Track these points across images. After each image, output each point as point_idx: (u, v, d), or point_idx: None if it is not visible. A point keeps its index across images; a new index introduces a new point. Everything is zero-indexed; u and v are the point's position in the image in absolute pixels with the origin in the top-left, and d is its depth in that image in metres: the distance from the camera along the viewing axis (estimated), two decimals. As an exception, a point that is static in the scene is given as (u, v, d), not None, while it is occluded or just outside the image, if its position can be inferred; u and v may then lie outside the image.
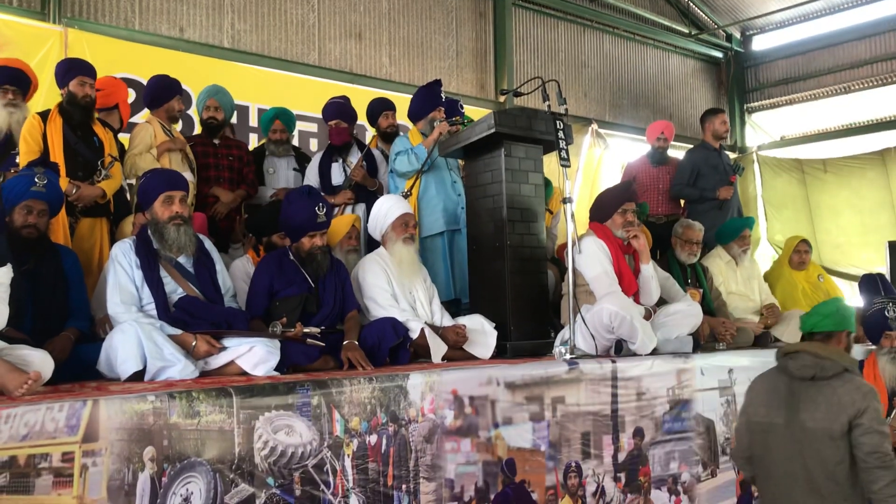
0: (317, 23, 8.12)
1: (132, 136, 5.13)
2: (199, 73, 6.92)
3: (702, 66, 12.66)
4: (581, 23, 10.84)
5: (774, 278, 6.49)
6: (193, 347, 3.49)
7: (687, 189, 6.84)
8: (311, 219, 4.15)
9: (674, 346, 4.67)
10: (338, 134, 5.66)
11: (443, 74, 9.02)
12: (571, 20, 10.71)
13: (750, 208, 11.58)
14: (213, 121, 5.56)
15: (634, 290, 4.71)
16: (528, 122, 4.84)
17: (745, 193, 11.74)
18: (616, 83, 11.27)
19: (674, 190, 6.90)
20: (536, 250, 4.86)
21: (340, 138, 5.66)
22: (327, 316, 4.12)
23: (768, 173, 11.88)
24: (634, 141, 10.81)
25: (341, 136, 5.66)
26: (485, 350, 4.43)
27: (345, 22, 8.34)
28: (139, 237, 3.81)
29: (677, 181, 6.88)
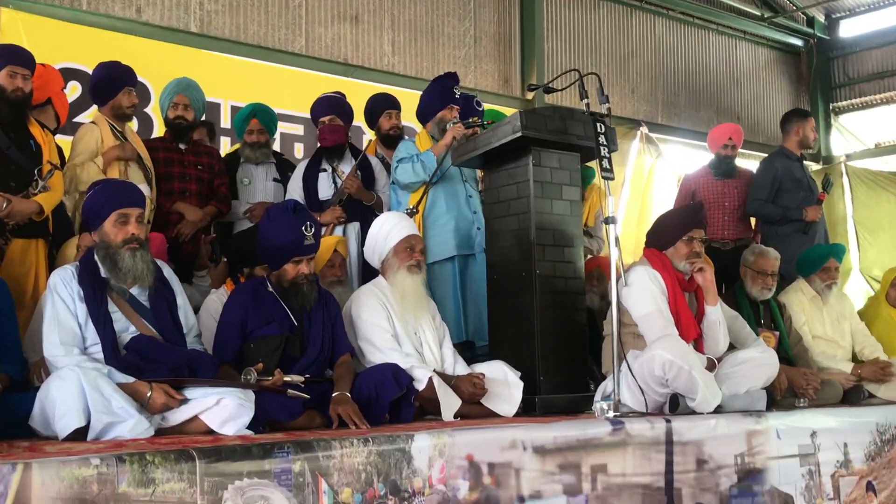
0: (304, 2, 8.20)
1: (74, 141, 5.16)
2: (159, 62, 6.98)
3: (777, 57, 12.69)
4: (628, 3, 10.91)
5: (870, 318, 6.45)
6: (148, 399, 3.48)
7: (767, 207, 6.82)
8: (296, 241, 4.16)
9: (743, 403, 4.63)
10: (331, 133, 5.67)
11: (458, 66, 9.08)
12: (616, 0, 10.78)
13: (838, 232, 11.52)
14: (181, 121, 5.60)
15: (695, 336, 4.69)
16: (563, 124, 4.86)
17: (832, 213, 11.68)
18: (671, 77, 11.30)
19: (751, 207, 6.89)
20: (572, 281, 4.85)
21: (334, 138, 5.67)
22: (313, 361, 4.12)
23: (860, 189, 11.82)
24: (693, 148, 10.81)
25: (335, 136, 5.68)
26: (508, 405, 4.41)
27: (338, 2, 8.43)
28: (83, 263, 3.83)
29: (755, 196, 6.86)
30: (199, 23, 7.59)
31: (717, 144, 7.16)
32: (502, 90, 9.58)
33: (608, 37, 10.68)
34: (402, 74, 8.71)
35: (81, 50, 6.67)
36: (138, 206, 3.91)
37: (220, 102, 7.47)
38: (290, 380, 3.93)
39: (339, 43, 8.42)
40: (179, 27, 7.46)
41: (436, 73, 7.95)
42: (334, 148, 5.68)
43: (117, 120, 5.26)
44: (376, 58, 8.67)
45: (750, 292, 5.75)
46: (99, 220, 3.85)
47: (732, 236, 6.94)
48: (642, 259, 4.87)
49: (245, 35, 7.82)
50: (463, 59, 9.30)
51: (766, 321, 5.75)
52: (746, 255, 5.84)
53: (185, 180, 5.53)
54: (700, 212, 4.91)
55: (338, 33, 8.42)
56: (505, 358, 4.64)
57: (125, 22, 7.16)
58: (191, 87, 5.69)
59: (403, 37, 8.88)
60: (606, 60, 10.60)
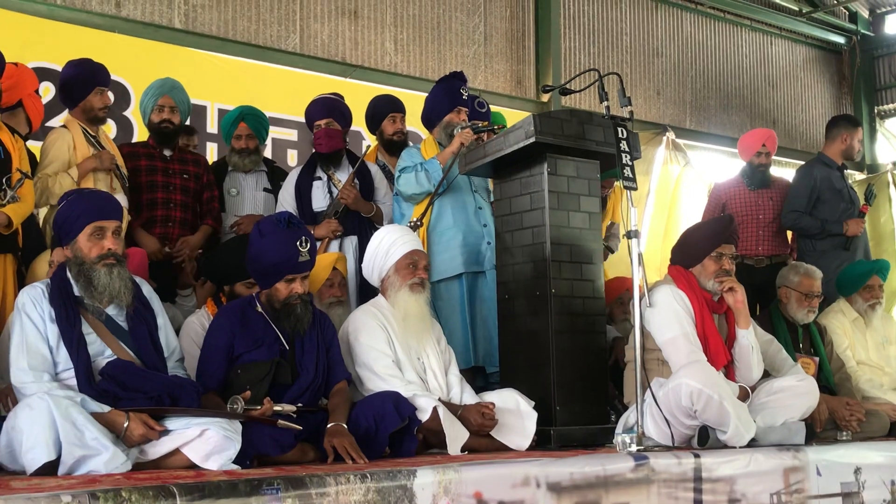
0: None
1: (44, 148, 5.17)
2: (141, 61, 7.02)
3: (817, 56, 12.70)
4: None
5: (919, 343, 6.43)
6: (126, 430, 3.48)
7: (805, 219, 6.82)
8: (290, 257, 4.16)
9: (780, 436, 4.61)
10: (327, 138, 5.68)
11: (466, 65, 9.11)
12: (640, -7, 10.83)
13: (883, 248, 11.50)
14: (167, 126, 5.62)
15: (725, 363, 4.68)
16: (580, 128, 4.86)
17: (876, 227, 11.67)
18: (699, 78, 11.31)
19: (787, 220, 6.88)
20: (591, 302, 4.84)
21: (330, 144, 5.68)
22: (306, 389, 4.12)
23: (908, 200, 11.84)
24: (725, 155, 10.82)
25: (332, 142, 5.68)
26: (521, 438, 4.40)
27: (336, -5, 8.47)
28: (55, 280, 3.83)
29: (791, 207, 6.85)
30: (183, 18, 7.63)
31: (750, 152, 7.16)
32: (515, 92, 9.60)
33: (631, 33, 10.70)
34: (405, 75, 8.73)
35: (56, 48, 6.70)
36: (115, 219, 3.91)
37: (207, 105, 7.49)
38: (280, 409, 3.92)
39: (336, 40, 8.45)
40: (162, 23, 7.50)
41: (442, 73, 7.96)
42: (330, 154, 5.68)
43: (90, 123, 5.27)
44: (377, 57, 8.70)
45: (793, 315, 5.73)
46: (72, 233, 3.86)
47: (767, 252, 6.94)
48: (666, 277, 4.86)
49: (234, 32, 7.86)
50: (472, 58, 9.33)
51: (805, 346, 5.74)
52: (789, 275, 5.83)
53: (170, 190, 5.54)
54: (730, 225, 4.90)
55: (335, 30, 8.45)
56: (517, 385, 4.64)
57: (104, 18, 7.20)
58: (176, 88, 5.72)
59: (407, 34, 8.91)
60: (629, 59, 10.62)
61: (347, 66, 8.39)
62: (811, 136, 12.12)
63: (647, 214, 9.96)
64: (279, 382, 4.08)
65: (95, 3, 7.22)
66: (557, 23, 9.80)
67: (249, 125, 6.01)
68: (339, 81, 8.06)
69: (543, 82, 9.52)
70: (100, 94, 5.29)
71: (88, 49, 6.29)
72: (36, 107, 5.40)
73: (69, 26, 6.95)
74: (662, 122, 10.57)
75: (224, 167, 6.07)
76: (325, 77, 8.09)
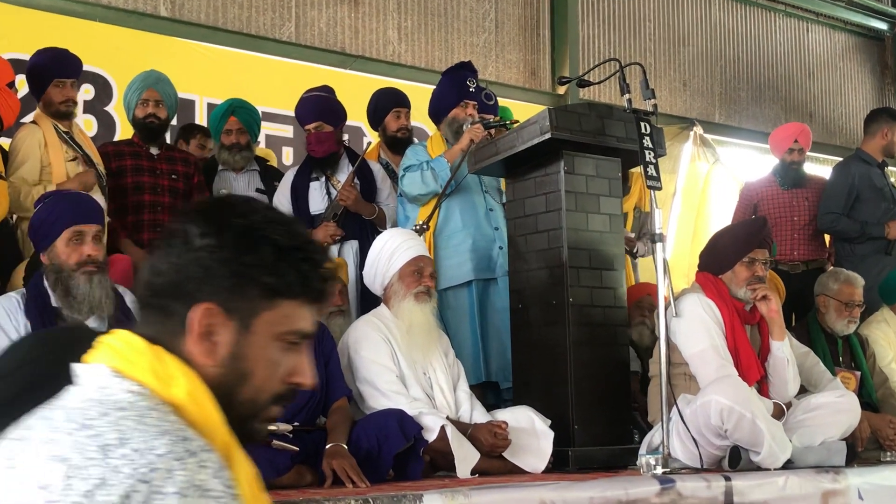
0: (294, -19, 8.26)
1: (12, 147, 5.11)
2: (124, 52, 7.04)
3: (856, 44, 12.69)
4: (678, -20, 10.95)
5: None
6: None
7: (842, 221, 6.81)
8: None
9: (818, 457, 4.60)
10: (319, 143, 5.69)
11: (476, 55, 9.11)
12: (664, -24, 10.83)
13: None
14: (153, 121, 5.63)
15: (758, 378, 4.67)
16: (600, 123, 4.86)
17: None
18: (730, 68, 11.31)
19: (823, 222, 6.88)
20: (612, 311, 4.84)
21: (323, 148, 5.69)
22: (303, 406, 4.13)
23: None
24: (757, 151, 10.80)
25: (324, 146, 5.69)
26: (536, 460, 4.40)
27: (334, -21, 8.49)
28: (31, 290, 3.85)
29: (828, 208, 6.85)
30: (169, 6, 7.65)
31: (782, 148, 7.16)
32: (528, 83, 9.61)
33: (655, 20, 10.71)
34: (409, 66, 8.75)
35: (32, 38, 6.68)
36: (95, 223, 3.93)
37: (195, 99, 7.51)
38: (275, 429, 3.92)
39: (335, 29, 8.47)
40: (147, 11, 7.52)
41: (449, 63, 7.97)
42: (325, 158, 5.70)
43: (55, 119, 5.23)
44: (379, 46, 8.71)
45: (832, 326, 5.72)
46: (49, 238, 3.87)
47: (803, 257, 6.93)
48: (694, 285, 4.86)
49: (224, 20, 7.87)
50: (482, 46, 9.34)
51: (846, 359, 5.73)
52: (827, 282, 5.82)
53: (158, 192, 5.53)
54: (763, 228, 4.90)
55: (334, 17, 8.47)
56: (532, 402, 4.64)
57: (84, 5, 7.22)
58: (161, 80, 5.72)
59: (411, 21, 8.92)
60: (653, 48, 10.63)
61: (347, 56, 8.40)
62: (850, 131, 12.10)
63: (674, 216, 9.95)
64: (275, 399, 4.09)
65: (75, -10, 7.25)
66: (575, 9, 9.80)
67: (240, 119, 6.03)
68: (338, 73, 8.07)
69: (560, 73, 9.50)
70: (60, 87, 5.23)
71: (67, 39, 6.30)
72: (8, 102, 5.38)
73: (46, 14, 6.97)
74: (689, 116, 10.57)
75: (214, 166, 6.08)
76: (322, 68, 8.10)
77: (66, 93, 5.25)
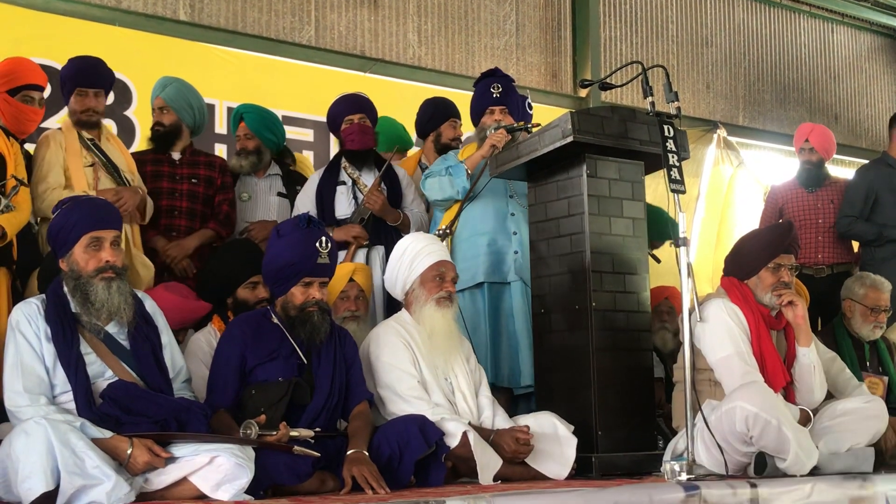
0: (313, -16, 8.28)
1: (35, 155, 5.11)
2: (143, 56, 7.06)
3: (883, 44, 12.62)
4: (701, -19, 10.92)
5: None
6: (129, 457, 3.50)
7: (858, 225, 6.79)
8: (308, 258, 4.20)
9: (845, 464, 4.58)
10: (361, 133, 5.72)
11: (496, 58, 9.11)
12: (686, -23, 10.80)
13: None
14: (158, 129, 5.65)
15: (784, 384, 4.66)
16: (623, 126, 4.86)
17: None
18: (753, 70, 11.26)
19: (840, 225, 6.85)
20: (635, 316, 4.83)
21: (364, 140, 5.73)
22: (322, 408, 4.13)
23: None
24: (782, 154, 10.76)
25: (365, 138, 5.74)
26: (559, 466, 4.40)
27: (354, -17, 8.50)
28: (51, 296, 3.86)
29: (845, 212, 6.83)
30: (189, 10, 7.68)
31: (796, 148, 7.19)
32: (550, 86, 9.59)
33: (678, 21, 10.68)
34: (429, 69, 8.74)
35: (53, 43, 6.75)
36: (114, 228, 3.94)
37: (215, 103, 7.52)
38: (297, 435, 3.94)
39: (354, 32, 8.47)
40: (166, 15, 7.54)
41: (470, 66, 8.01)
42: (361, 153, 5.72)
43: (81, 127, 5.24)
44: (399, 49, 8.71)
45: (858, 331, 5.70)
46: (68, 245, 3.88)
47: (828, 260, 6.90)
48: (719, 290, 4.85)
49: (243, 24, 7.89)
50: (503, 49, 9.33)
51: (873, 364, 5.71)
52: (854, 287, 5.79)
53: (175, 197, 5.55)
54: (789, 233, 4.88)
55: (353, 20, 8.48)
56: (555, 408, 4.64)
57: (103, 10, 7.24)
58: (168, 86, 5.68)
59: (431, 24, 8.93)
60: (675, 50, 10.60)
61: (367, 59, 8.41)
62: (876, 133, 12.03)
63: (698, 220, 9.91)
64: (297, 403, 4.10)
65: (95, -6, 7.28)
66: (597, 10, 9.78)
67: (248, 124, 6.05)
68: (357, 76, 8.08)
69: (581, 76, 9.51)
70: (81, 96, 5.24)
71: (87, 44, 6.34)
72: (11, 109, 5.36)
73: (66, 19, 6.99)
74: (713, 119, 10.53)
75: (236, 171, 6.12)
76: (342, 72, 8.11)
77: (86, 102, 5.24)
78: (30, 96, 5.09)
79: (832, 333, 5.75)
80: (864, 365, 5.65)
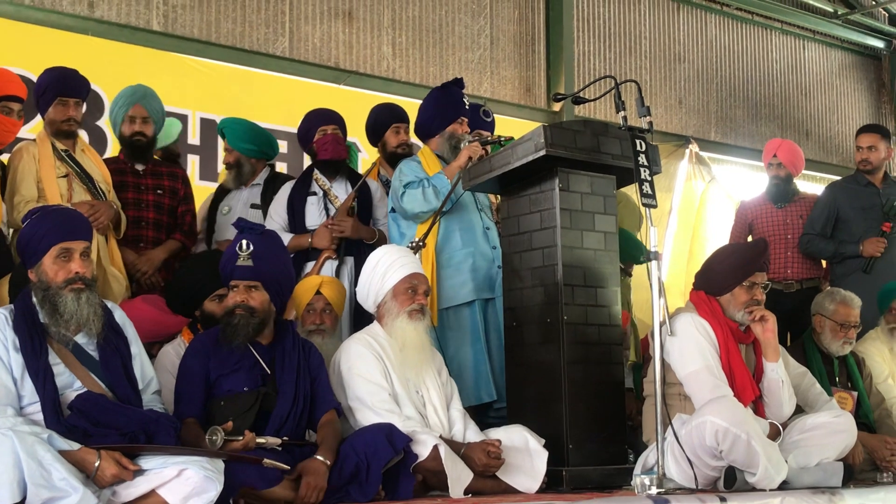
0: (288, -4, 8.27)
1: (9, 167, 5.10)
2: (116, 66, 7.03)
3: (853, 61, 12.73)
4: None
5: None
6: (97, 470, 3.47)
7: (817, 242, 6.83)
8: (228, 260, 4.30)
9: (814, 478, 4.60)
10: (336, 144, 5.75)
11: (471, 71, 9.14)
12: (660, -7, 10.87)
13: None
14: (140, 139, 5.63)
15: (753, 398, 4.67)
16: (595, 140, 4.87)
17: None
18: (726, 86, 11.34)
19: (801, 243, 6.89)
20: (607, 330, 4.84)
21: (337, 151, 5.75)
22: (287, 416, 4.12)
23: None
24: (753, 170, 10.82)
25: (338, 148, 5.76)
26: (529, 480, 4.39)
27: (329, -5, 8.51)
28: (19, 306, 3.84)
29: (806, 230, 6.88)
30: (162, 20, 7.65)
31: (764, 163, 7.22)
32: (523, 100, 9.62)
33: (650, 37, 10.74)
34: (404, 81, 8.75)
35: (24, 52, 6.73)
36: (84, 239, 3.92)
37: (188, 114, 7.51)
38: (264, 442, 3.93)
39: (329, 44, 8.48)
40: (140, 25, 7.52)
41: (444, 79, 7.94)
42: (333, 164, 5.75)
43: (57, 137, 5.23)
44: (374, 62, 8.72)
45: (828, 347, 5.72)
46: (37, 255, 3.86)
47: (798, 276, 6.93)
48: (688, 305, 4.86)
49: (217, 34, 7.88)
50: (477, 63, 9.35)
51: (842, 379, 5.73)
52: (824, 302, 5.81)
53: (142, 208, 5.54)
54: (763, 253, 4.89)
55: (328, 32, 8.48)
56: (526, 422, 4.64)
57: (75, 19, 7.22)
58: (148, 95, 5.69)
59: (406, 37, 8.94)
60: (648, 65, 10.65)
61: (341, 71, 8.41)
62: (847, 149, 12.11)
63: (670, 235, 9.95)
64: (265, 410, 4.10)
65: (67, 3, 7.25)
66: (570, 25, 9.82)
67: (228, 141, 6.12)
68: (332, 88, 8.09)
69: (555, 90, 9.54)
70: (62, 106, 5.23)
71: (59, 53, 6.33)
72: None
73: (38, 28, 6.96)
74: (685, 134, 10.58)
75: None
76: (316, 84, 8.12)
77: (67, 111, 5.24)
78: (8, 107, 5.06)
79: (802, 348, 5.77)
80: (833, 380, 5.67)
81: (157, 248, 5.52)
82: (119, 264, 5.20)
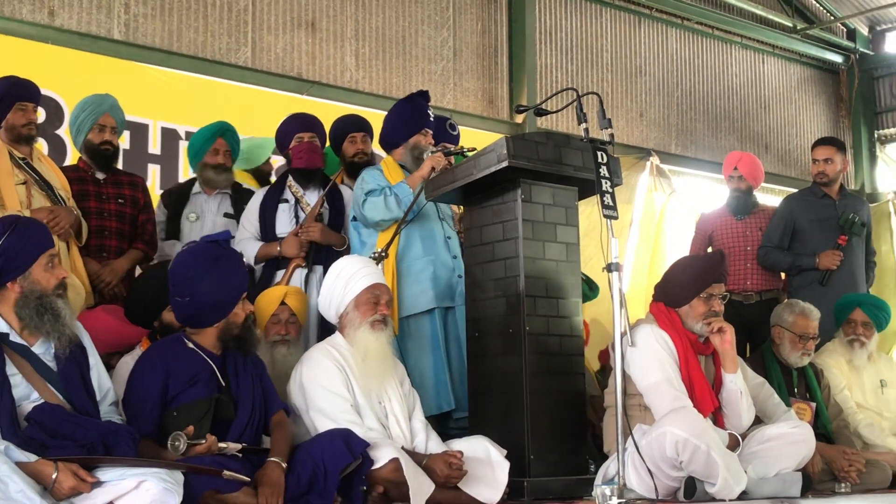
0: (250, 6, 8.25)
1: None
2: (76, 75, 6.99)
3: (812, 76, 12.86)
4: (635, 11, 11.06)
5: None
6: (54, 482, 3.44)
7: (775, 254, 6.88)
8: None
9: (773, 488, 4.63)
10: (310, 153, 5.74)
11: (434, 83, 9.15)
12: (621, 7, 10.93)
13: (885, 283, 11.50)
14: (108, 148, 5.61)
15: (713, 409, 4.70)
16: (557, 152, 4.89)
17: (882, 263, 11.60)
18: (686, 99, 11.42)
19: (759, 255, 6.93)
20: (569, 341, 4.85)
21: (311, 160, 5.74)
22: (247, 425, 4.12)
23: (913, 232, 11.90)
24: (713, 182, 10.89)
25: (313, 158, 5.75)
26: (491, 490, 4.38)
27: (291, 5, 8.49)
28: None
29: (764, 242, 6.93)
30: (123, 28, 7.61)
31: (725, 176, 7.27)
32: (486, 112, 9.64)
33: (612, 50, 10.80)
34: (367, 92, 8.75)
35: (-20, 60, 6.67)
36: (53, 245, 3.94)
37: (149, 123, 7.46)
38: (225, 447, 3.92)
39: (292, 54, 8.46)
40: (100, 33, 7.47)
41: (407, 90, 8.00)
42: (307, 172, 5.73)
43: (17, 144, 5.20)
44: (337, 72, 8.71)
45: (786, 358, 5.75)
46: (24, 265, 3.81)
47: (757, 287, 6.97)
48: (648, 316, 4.88)
49: (179, 44, 7.84)
50: (440, 74, 9.37)
51: (801, 389, 5.75)
52: (783, 314, 5.84)
53: (104, 217, 5.51)
54: (721, 264, 4.92)
55: (291, 42, 8.47)
56: (488, 432, 4.63)
57: (35, 27, 7.16)
58: (115, 106, 5.71)
59: (369, 48, 8.94)
60: (609, 78, 10.71)
61: (304, 81, 8.40)
62: (805, 162, 12.20)
63: (631, 246, 9.98)
64: (220, 418, 4.07)
65: (27, 11, 7.19)
66: (533, 38, 9.87)
67: (227, 142, 6.06)
68: (295, 98, 8.06)
69: (517, 102, 9.58)
70: (20, 111, 5.23)
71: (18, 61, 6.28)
72: None
73: (-4, 36, 6.92)
74: (646, 146, 10.64)
75: (187, 190, 6.06)
76: (279, 94, 8.09)
77: (26, 116, 5.25)
78: None
79: (761, 359, 5.79)
80: (792, 391, 5.70)
81: (121, 259, 5.50)
82: (81, 273, 5.16)
